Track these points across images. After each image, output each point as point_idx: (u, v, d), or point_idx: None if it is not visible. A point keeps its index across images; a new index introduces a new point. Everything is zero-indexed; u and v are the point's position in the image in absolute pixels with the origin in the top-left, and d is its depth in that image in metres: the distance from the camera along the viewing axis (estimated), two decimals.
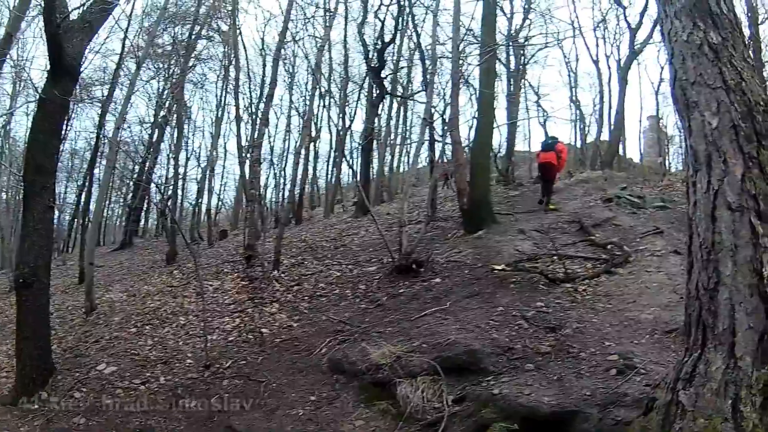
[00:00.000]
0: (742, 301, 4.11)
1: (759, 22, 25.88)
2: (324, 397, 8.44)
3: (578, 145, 38.49)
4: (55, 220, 19.41)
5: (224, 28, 27.68)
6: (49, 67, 10.44)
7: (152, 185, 28.21)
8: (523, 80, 34.69)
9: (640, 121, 41.42)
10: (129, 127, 32.61)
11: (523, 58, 33.26)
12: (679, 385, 4.35)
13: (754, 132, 4.43)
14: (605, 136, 36.26)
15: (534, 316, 9.33)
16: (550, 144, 19.04)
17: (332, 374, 9.06)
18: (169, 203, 26.26)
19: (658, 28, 28.42)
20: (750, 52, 5.09)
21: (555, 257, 12.42)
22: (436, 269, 13.20)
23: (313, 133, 34.00)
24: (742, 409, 3.92)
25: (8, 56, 18.90)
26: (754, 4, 25.51)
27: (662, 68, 37.02)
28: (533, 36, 33.48)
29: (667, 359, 7.05)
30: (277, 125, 40.24)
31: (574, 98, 39.64)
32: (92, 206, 24.57)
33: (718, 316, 4.23)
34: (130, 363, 10.64)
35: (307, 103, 31.80)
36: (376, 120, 29.38)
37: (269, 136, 34.98)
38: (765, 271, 4.08)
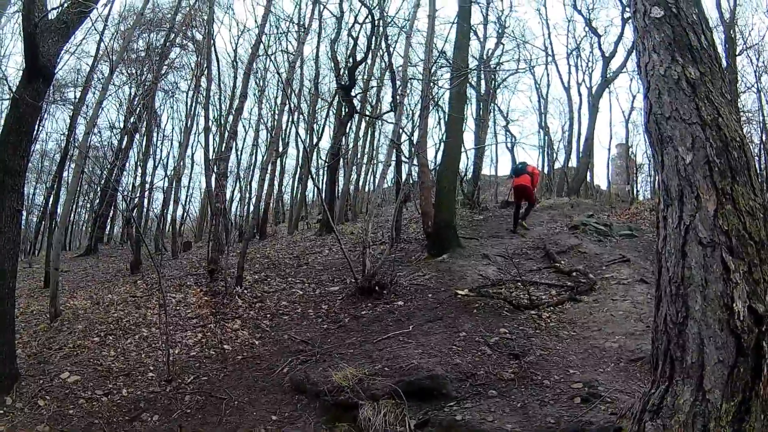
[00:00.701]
0: (712, 336, 4.11)
1: (736, 54, 26.30)
2: (286, 416, 8.34)
3: (546, 171, 38.69)
4: (23, 222, 19.14)
5: (198, 37, 27.67)
6: (24, 67, 10.32)
7: (119, 193, 28.07)
8: (492, 104, 34.89)
9: (609, 149, 41.81)
10: (99, 132, 32.51)
11: (493, 82, 33.54)
12: (646, 416, 4.33)
13: (728, 168, 4.44)
14: (573, 162, 36.64)
15: (497, 342, 9.34)
16: (521, 168, 19.53)
17: (294, 394, 8.94)
18: (134, 212, 26.11)
19: (632, 58, 28.86)
20: (726, 84, 5.13)
21: (519, 283, 12.42)
22: (399, 292, 13.20)
23: (280, 149, 34.00)
24: None
25: None
26: (732, 36, 25.91)
27: (633, 97, 37.70)
28: (506, 61, 33.81)
29: (633, 388, 7.06)
30: (245, 138, 40.31)
31: (543, 124, 40.02)
32: (59, 209, 24.31)
33: (687, 350, 4.24)
34: (93, 373, 10.44)
35: (276, 117, 31.84)
36: (343, 138, 29.36)
37: (237, 150, 35.02)
38: (736, 306, 4.09)
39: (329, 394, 8.23)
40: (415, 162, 18.58)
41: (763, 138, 28.33)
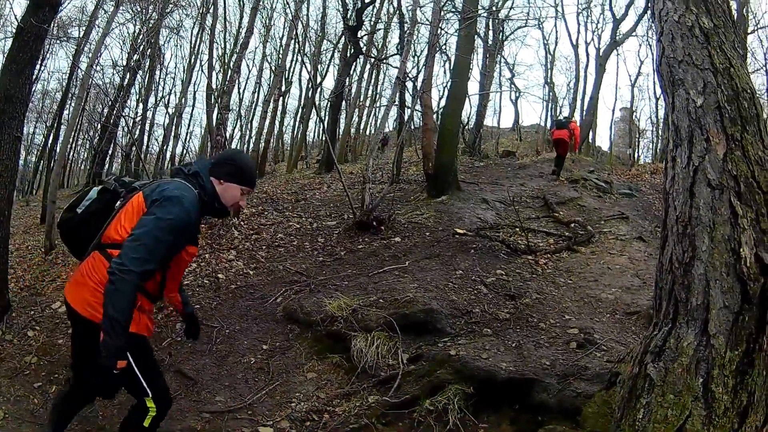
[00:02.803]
0: (718, 278, 4.04)
1: (748, 32, 26.38)
2: (277, 346, 8.32)
3: (548, 125, 38.94)
4: (21, 161, 19.06)
5: None
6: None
7: (119, 127, 28.02)
8: (499, 56, 34.91)
9: (613, 111, 42.13)
10: (102, 69, 32.33)
11: (501, 34, 33.45)
12: (648, 358, 4.26)
13: (739, 116, 4.37)
14: (576, 119, 36.93)
15: (494, 282, 9.35)
16: (563, 122, 20.65)
17: (286, 324, 8.90)
18: (134, 146, 26.09)
19: (642, 22, 28.84)
20: (739, 39, 5.09)
21: (517, 229, 12.53)
22: (397, 229, 13.24)
23: (284, 87, 33.98)
24: (714, 390, 3.84)
25: None
26: (745, 14, 25.95)
27: (641, 62, 37.91)
28: (515, 14, 33.84)
29: (628, 340, 7.07)
30: (248, 77, 40.35)
31: (549, 79, 40.19)
32: (59, 147, 24.29)
33: (692, 291, 4.17)
34: None
35: (281, 56, 31.80)
36: (347, 80, 29.36)
37: (239, 87, 34.99)
38: (743, 251, 4.02)
39: (322, 324, 8.22)
40: (418, 106, 18.47)
41: None
